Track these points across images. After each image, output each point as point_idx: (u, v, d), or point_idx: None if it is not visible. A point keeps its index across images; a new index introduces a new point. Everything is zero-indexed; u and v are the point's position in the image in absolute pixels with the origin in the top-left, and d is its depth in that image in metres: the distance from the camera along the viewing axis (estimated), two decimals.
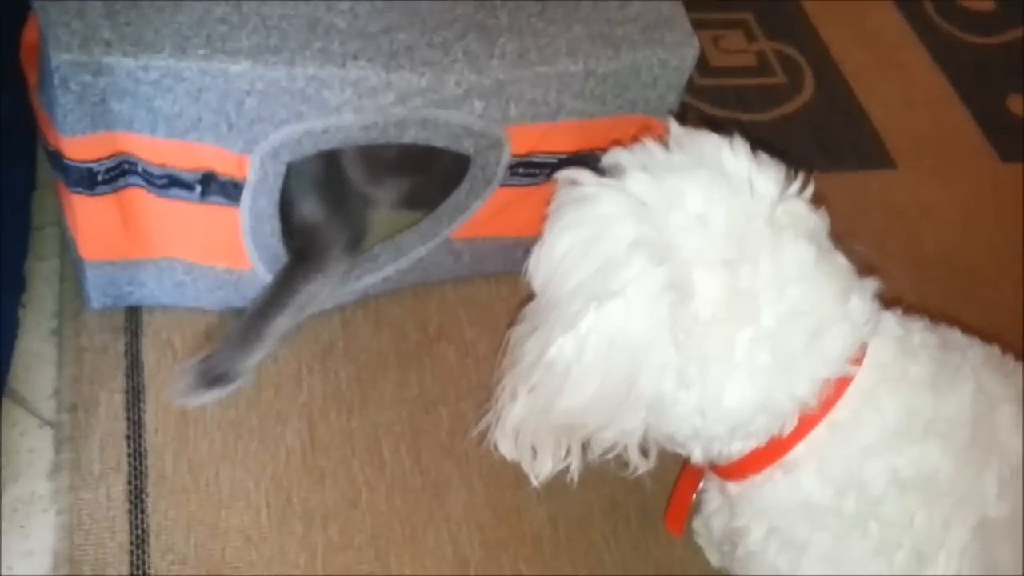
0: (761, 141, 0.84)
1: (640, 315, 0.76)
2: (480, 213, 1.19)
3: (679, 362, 0.78)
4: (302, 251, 1.15)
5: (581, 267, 0.79)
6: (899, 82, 1.71)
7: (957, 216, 1.54)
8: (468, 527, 1.11)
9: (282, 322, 1.15)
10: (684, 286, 0.76)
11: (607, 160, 0.84)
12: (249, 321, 1.14)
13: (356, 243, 1.18)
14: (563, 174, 0.84)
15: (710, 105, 1.59)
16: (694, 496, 1.01)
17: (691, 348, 0.77)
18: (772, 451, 0.83)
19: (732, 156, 0.81)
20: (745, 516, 0.88)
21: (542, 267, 0.83)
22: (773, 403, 0.80)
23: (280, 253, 1.14)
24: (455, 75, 1.05)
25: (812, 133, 1.59)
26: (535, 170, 1.17)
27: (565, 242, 0.81)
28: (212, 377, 1.11)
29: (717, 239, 0.77)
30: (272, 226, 1.11)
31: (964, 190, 1.58)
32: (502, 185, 1.17)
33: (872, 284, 0.84)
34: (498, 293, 1.29)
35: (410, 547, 1.08)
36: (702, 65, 1.64)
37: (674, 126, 0.85)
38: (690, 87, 1.59)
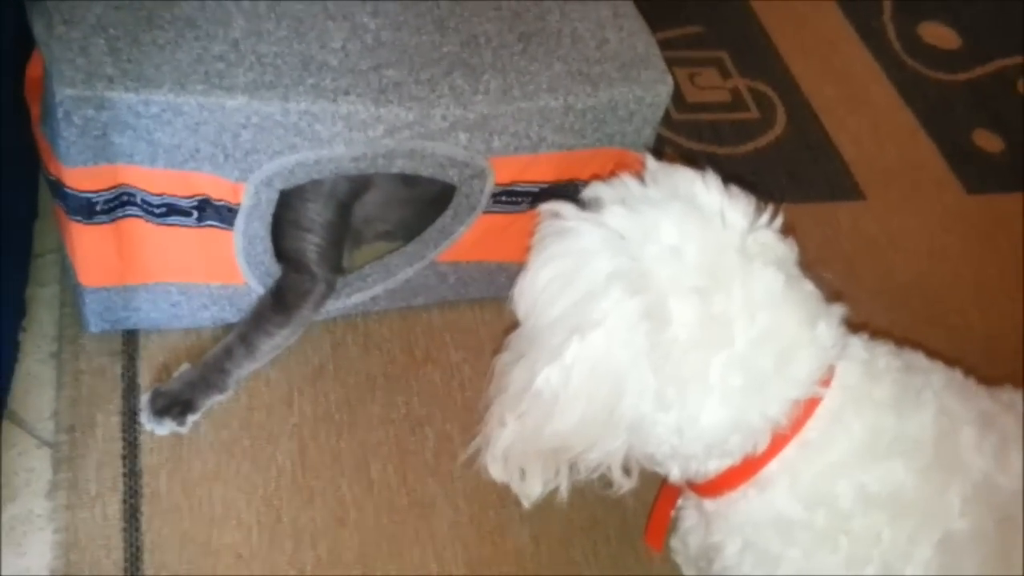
0: (734, 175, 0.89)
1: (620, 343, 0.81)
2: (464, 238, 1.24)
3: (657, 385, 0.82)
4: (280, 293, 1.20)
5: (563, 298, 0.84)
6: (867, 117, 1.77)
7: (924, 246, 1.60)
8: (453, 545, 1.14)
9: (246, 366, 1.19)
10: (660, 314, 0.81)
11: (587, 193, 0.88)
12: (214, 360, 1.18)
13: (326, 298, 1.23)
14: (546, 207, 0.88)
15: (686, 139, 1.65)
16: (672, 512, 1.05)
17: (668, 372, 0.82)
18: (746, 469, 0.88)
19: (704, 189, 0.86)
20: (721, 532, 0.92)
21: (525, 297, 0.87)
22: (746, 423, 0.85)
23: (272, 269, 1.18)
24: (441, 109, 1.10)
25: (784, 166, 1.65)
26: (517, 198, 1.22)
27: (547, 273, 0.85)
28: (169, 406, 1.14)
29: (691, 269, 0.82)
30: (264, 245, 1.15)
31: (931, 221, 1.64)
32: (485, 212, 1.22)
33: (839, 310, 0.89)
34: (482, 318, 1.34)
35: (396, 564, 1.12)
36: (679, 100, 1.70)
37: (650, 161, 0.90)
38: (667, 121, 1.66)
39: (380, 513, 1.15)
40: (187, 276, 1.17)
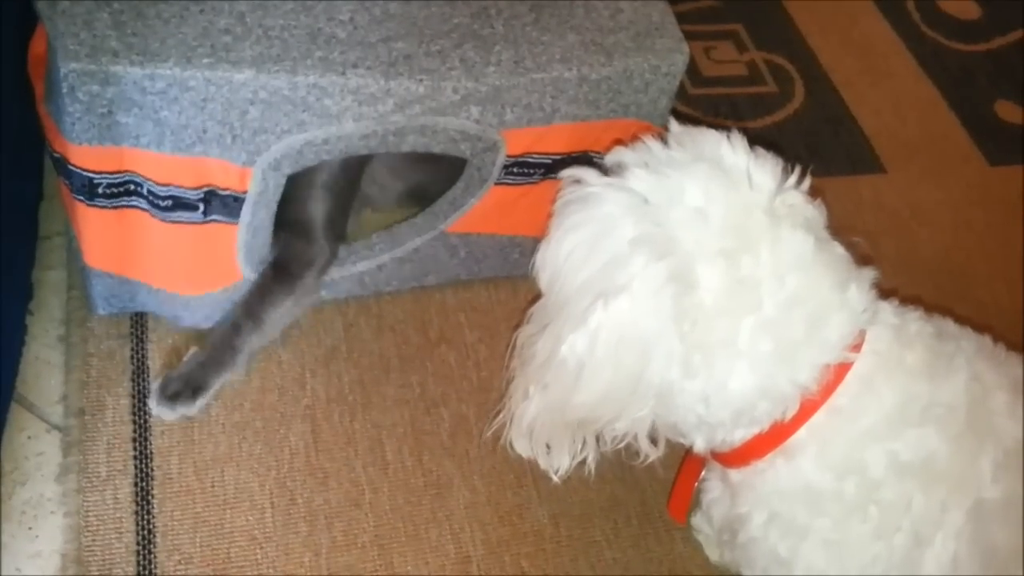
0: (757, 140, 0.87)
1: (646, 308, 0.78)
2: (475, 209, 1.22)
3: (684, 352, 0.80)
4: (281, 264, 1.17)
5: (587, 265, 0.81)
6: (888, 89, 1.74)
7: (948, 219, 1.56)
8: (470, 526, 1.12)
9: (254, 341, 1.17)
10: (687, 278, 0.78)
11: (610, 158, 0.86)
12: (221, 339, 1.16)
13: (328, 266, 1.21)
14: (567, 172, 0.85)
15: (703, 113, 1.62)
16: (695, 485, 1.03)
17: (695, 338, 0.79)
18: (774, 437, 0.85)
19: (730, 151, 0.83)
20: (747, 503, 0.90)
21: (548, 266, 0.85)
22: (775, 388, 0.82)
23: (266, 257, 1.16)
24: (452, 82, 1.07)
25: (803, 139, 1.62)
26: (530, 170, 1.19)
27: (570, 241, 0.82)
28: (180, 391, 1.12)
29: (717, 232, 0.79)
30: (265, 236, 1.14)
31: (955, 194, 1.61)
32: (497, 183, 1.19)
33: (869, 274, 0.86)
34: (497, 298, 1.31)
35: (413, 546, 1.10)
36: (695, 75, 1.67)
37: (673, 124, 0.87)
38: (683, 96, 1.63)
39: (396, 494, 1.13)
40: (191, 287, 1.15)
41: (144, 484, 1.09)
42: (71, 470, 1.08)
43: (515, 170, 1.18)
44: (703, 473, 1.01)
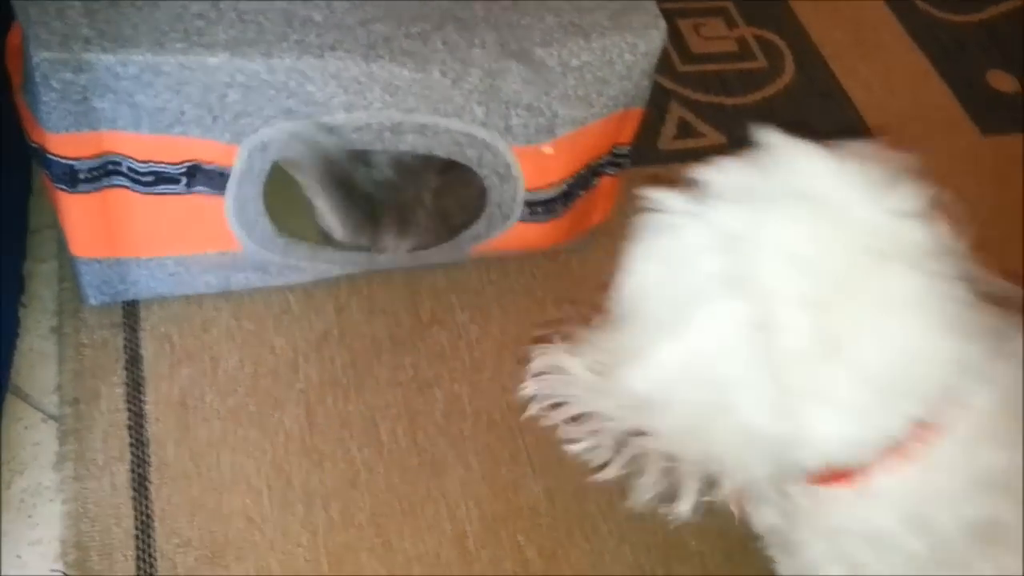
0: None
1: (722, 349, 0.74)
2: (499, 238, 1.25)
3: (768, 396, 0.74)
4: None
5: (661, 300, 0.77)
6: (878, 62, 1.74)
7: (938, 188, 1.56)
8: (466, 503, 1.13)
9: None
10: (769, 322, 0.72)
11: (696, 175, 0.79)
12: None
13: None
14: (648, 195, 0.79)
15: (692, 91, 1.62)
16: None
17: (778, 383, 0.74)
18: (852, 473, 0.79)
19: (828, 175, 0.76)
20: (805, 531, 0.86)
21: (623, 298, 0.80)
22: (863, 439, 0.76)
23: (269, 232, 1.16)
24: (438, 64, 1.07)
25: (793, 114, 1.62)
26: (553, 206, 1.22)
27: (648, 273, 0.78)
28: None
29: (808, 275, 0.73)
30: (257, 207, 1.13)
31: (945, 163, 1.59)
32: (521, 221, 1.22)
33: (994, 320, 0.78)
34: (488, 278, 1.32)
35: (410, 523, 1.11)
36: (684, 52, 1.67)
37: (768, 138, 0.79)
38: (672, 73, 1.63)
39: (391, 473, 1.14)
40: (181, 248, 1.16)
41: (141, 470, 1.10)
42: (68, 458, 1.09)
43: (539, 209, 1.20)
44: None
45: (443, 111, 1.08)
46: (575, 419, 0.86)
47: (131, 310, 1.20)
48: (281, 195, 1.16)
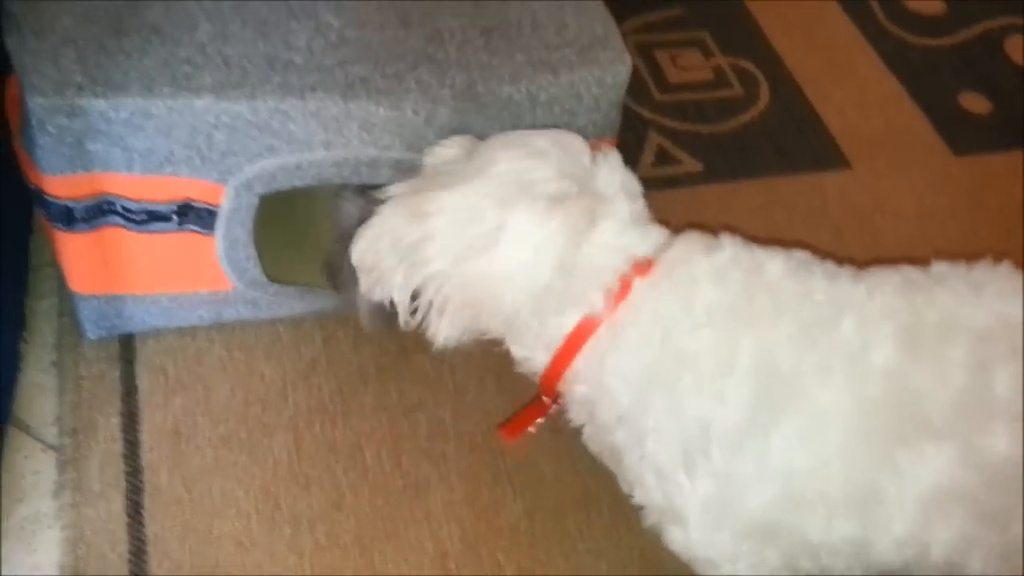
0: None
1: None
2: None
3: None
4: None
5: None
6: (852, 87, 1.78)
7: (912, 209, 1.60)
8: (448, 523, 1.17)
9: None
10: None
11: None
12: None
13: None
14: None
15: (670, 119, 1.67)
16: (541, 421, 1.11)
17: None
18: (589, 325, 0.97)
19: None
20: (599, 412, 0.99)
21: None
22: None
23: (258, 277, 1.22)
24: (411, 103, 1.12)
25: (769, 140, 1.67)
26: None
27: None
28: None
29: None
30: (247, 252, 1.19)
31: (919, 185, 1.65)
32: None
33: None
34: None
35: (393, 545, 1.15)
36: (661, 82, 1.73)
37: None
38: (650, 103, 1.68)
39: (376, 496, 1.18)
40: (175, 286, 1.21)
41: (135, 497, 1.14)
42: (66, 486, 1.14)
43: None
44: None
45: (416, 147, 1.13)
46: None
47: (127, 343, 1.26)
48: (276, 232, 1.22)
